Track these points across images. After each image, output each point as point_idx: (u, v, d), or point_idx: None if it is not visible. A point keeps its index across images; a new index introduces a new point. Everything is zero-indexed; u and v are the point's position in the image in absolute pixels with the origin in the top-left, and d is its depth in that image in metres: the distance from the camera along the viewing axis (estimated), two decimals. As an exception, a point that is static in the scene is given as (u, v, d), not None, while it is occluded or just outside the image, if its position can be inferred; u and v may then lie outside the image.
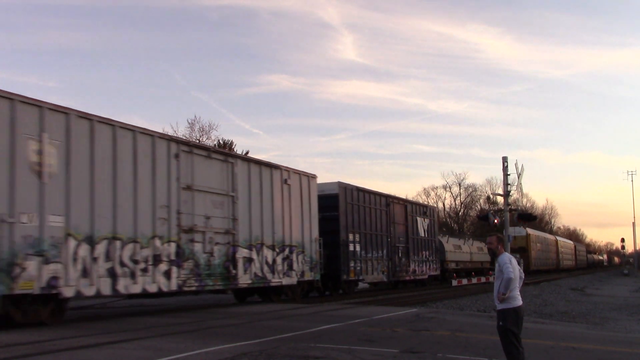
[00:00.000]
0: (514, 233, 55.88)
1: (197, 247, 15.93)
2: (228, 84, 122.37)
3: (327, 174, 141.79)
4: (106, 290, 13.16)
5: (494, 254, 7.36)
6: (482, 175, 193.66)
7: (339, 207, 23.68)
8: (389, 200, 28.64)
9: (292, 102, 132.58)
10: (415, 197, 77.70)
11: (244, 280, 17.62)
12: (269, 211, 19.03)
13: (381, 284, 28.57)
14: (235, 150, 39.85)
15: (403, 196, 38.13)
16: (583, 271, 79.72)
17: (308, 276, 20.90)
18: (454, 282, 33.61)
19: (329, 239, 22.59)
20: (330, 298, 22.95)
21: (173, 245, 15.07)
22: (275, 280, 19.06)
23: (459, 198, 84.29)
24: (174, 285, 15.01)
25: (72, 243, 12.35)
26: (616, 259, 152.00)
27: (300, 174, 21.13)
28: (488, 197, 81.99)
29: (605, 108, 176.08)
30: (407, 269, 29.35)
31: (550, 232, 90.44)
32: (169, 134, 19.18)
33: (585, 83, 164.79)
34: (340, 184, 24.21)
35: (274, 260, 19.07)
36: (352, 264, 23.91)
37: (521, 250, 54.64)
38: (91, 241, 12.80)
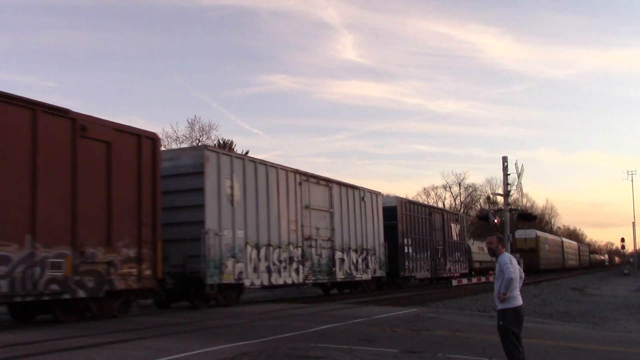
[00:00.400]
0: (524, 235, 61.46)
1: (313, 251, 21.53)
2: (228, 84, 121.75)
3: (327, 174, 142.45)
4: (265, 282, 18.76)
5: (494, 254, 7.38)
6: (482, 175, 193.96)
7: (397, 217, 29.23)
8: (431, 210, 34.29)
9: (292, 102, 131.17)
10: (415, 197, 78.15)
11: (339, 276, 23.24)
12: (352, 222, 24.63)
13: (425, 280, 34.16)
14: (235, 149, 43.31)
15: (403, 196, 42.30)
16: (584, 271, 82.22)
17: (378, 273, 26.59)
18: (454, 282, 34.32)
19: (389, 243, 28.16)
20: (389, 290, 28.50)
21: (299, 250, 20.65)
22: (357, 276, 24.69)
23: (459, 198, 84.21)
24: (300, 279, 20.63)
25: (248, 248, 17.96)
26: (616, 259, 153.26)
27: (370, 192, 26.71)
28: (488, 197, 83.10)
29: (605, 108, 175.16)
30: (444, 268, 34.97)
31: (550, 231, 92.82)
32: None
33: (585, 83, 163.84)
34: (397, 198, 29.85)
35: (357, 261, 24.70)
36: (406, 263, 29.50)
37: (531, 251, 59.99)
38: (257, 247, 18.39)
